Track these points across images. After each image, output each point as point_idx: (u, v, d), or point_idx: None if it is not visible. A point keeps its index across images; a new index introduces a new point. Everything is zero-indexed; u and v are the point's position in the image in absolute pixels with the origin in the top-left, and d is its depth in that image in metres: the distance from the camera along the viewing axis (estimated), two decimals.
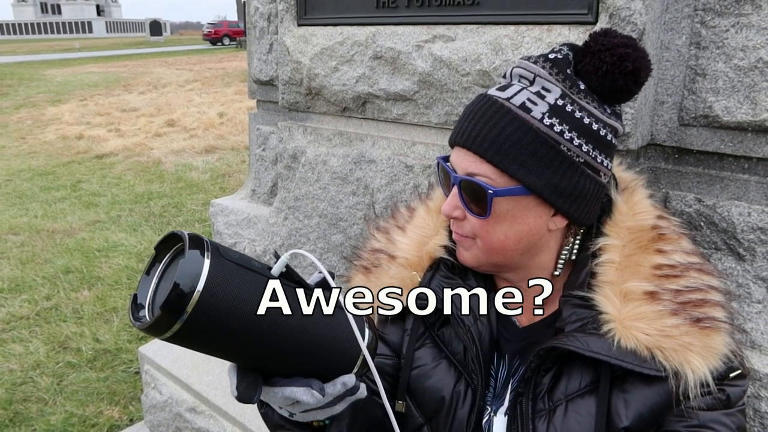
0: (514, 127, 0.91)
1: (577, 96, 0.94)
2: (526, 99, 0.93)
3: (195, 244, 0.67)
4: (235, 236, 2.16)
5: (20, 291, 4.33)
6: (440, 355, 1.09)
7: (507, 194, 0.93)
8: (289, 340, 0.74)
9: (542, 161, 0.91)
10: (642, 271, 0.95)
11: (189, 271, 0.64)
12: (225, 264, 0.68)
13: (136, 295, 0.70)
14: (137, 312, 0.69)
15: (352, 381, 0.82)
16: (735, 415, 0.92)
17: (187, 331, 0.65)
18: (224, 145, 9.05)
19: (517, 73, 0.97)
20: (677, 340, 0.89)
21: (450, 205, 1.00)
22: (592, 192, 0.96)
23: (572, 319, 0.96)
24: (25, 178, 7.45)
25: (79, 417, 2.97)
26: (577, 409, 0.94)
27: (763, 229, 1.19)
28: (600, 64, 0.92)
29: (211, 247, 0.67)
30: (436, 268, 1.11)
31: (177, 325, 0.64)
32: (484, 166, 0.93)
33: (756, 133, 1.18)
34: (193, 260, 0.65)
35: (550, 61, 0.95)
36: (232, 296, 0.67)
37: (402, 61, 1.53)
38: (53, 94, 14.98)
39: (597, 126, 0.94)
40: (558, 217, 0.98)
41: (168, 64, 24.34)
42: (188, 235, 0.68)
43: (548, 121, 0.91)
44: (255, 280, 0.71)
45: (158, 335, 0.65)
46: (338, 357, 0.81)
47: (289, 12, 1.79)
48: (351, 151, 1.72)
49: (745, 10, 1.14)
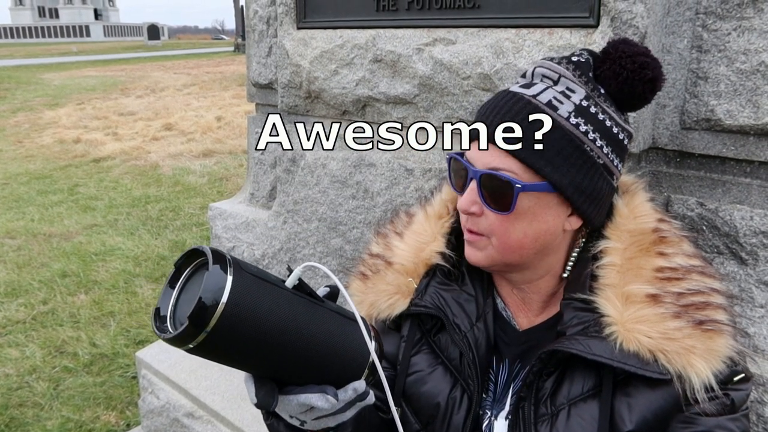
0: None
1: (598, 99, 0.95)
2: (552, 97, 0.93)
3: (217, 258, 0.70)
4: (234, 240, 2.15)
5: (16, 295, 4.31)
6: (436, 361, 1.08)
7: (533, 190, 0.92)
8: (305, 349, 0.77)
9: (567, 159, 0.92)
10: (643, 274, 0.94)
11: (213, 285, 0.68)
12: (246, 277, 0.71)
13: (159, 308, 0.73)
14: (160, 324, 0.72)
15: (363, 387, 0.85)
16: (739, 419, 0.91)
17: (210, 342, 0.68)
18: (222, 149, 9.03)
19: (540, 73, 0.97)
20: (680, 342, 0.88)
21: (467, 200, 0.97)
22: (606, 194, 0.97)
23: (574, 322, 0.96)
24: (22, 182, 7.43)
25: (76, 422, 2.95)
26: (580, 413, 0.93)
27: (765, 233, 1.18)
28: (620, 71, 0.94)
29: (233, 261, 0.71)
30: (432, 274, 1.11)
31: (201, 336, 0.67)
32: (510, 160, 0.92)
33: (758, 137, 1.18)
34: (217, 274, 0.69)
35: (573, 63, 0.96)
36: (253, 308, 0.71)
37: (402, 65, 1.53)
38: (50, 98, 14.96)
39: (616, 129, 0.95)
40: (574, 217, 0.98)
41: (166, 68, 24.33)
42: (211, 250, 0.71)
43: (574, 121, 0.92)
44: (273, 292, 0.74)
45: (182, 346, 0.69)
46: (349, 364, 0.83)
47: (289, 15, 1.78)
48: (350, 154, 1.71)
49: (747, 14, 1.13)
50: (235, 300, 0.68)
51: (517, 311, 1.08)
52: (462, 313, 1.06)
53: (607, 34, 1.17)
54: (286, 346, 0.75)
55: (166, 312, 0.73)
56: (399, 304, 1.11)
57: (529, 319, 1.07)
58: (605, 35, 1.17)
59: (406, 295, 1.11)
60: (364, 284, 1.16)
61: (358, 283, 1.18)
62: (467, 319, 1.06)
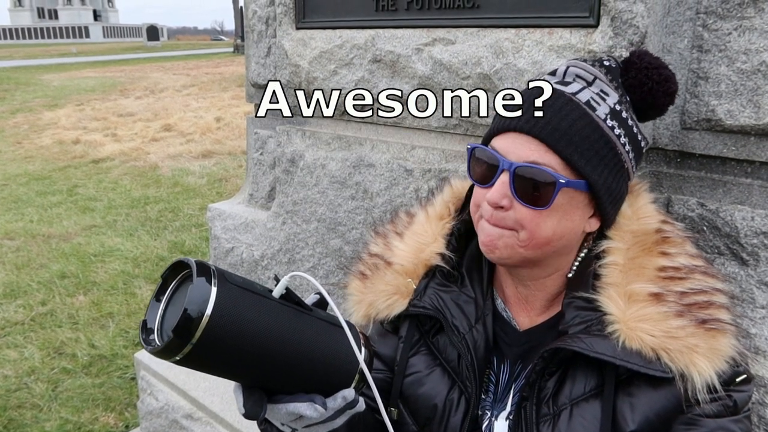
0: (585, 122, 0.91)
1: (626, 104, 0.97)
2: (590, 97, 0.93)
3: (202, 270, 0.71)
4: (233, 241, 2.14)
5: (15, 296, 4.30)
6: (434, 362, 1.08)
7: (573, 187, 0.92)
8: (292, 358, 0.77)
9: (603, 160, 0.92)
10: (646, 273, 0.94)
11: (198, 297, 0.68)
12: (231, 288, 0.72)
13: (146, 321, 0.74)
14: (147, 336, 0.73)
15: (352, 394, 0.84)
16: (742, 421, 0.91)
17: (196, 354, 0.69)
18: (221, 150, 9.03)
19: (574, 72, 0.97)
20: (683, 341, 0.88)
21: (499, 193, 0.93)
22: (623, 198, 0.99)
23: (576, 321, 0.95)
24: (21, 183, 7.42)
25: (75, 423, 2.94)
26: (582, 413, 0.92)
27: (766, 234, 1.18)
28: (646, 81, 0.96)
29: (217, 273, 0.72)
30: (432, 275, 1.10)
31: (187, 348, 0.68)
32: (549, 155, 0.91)
33: (759, 137, 1.18)
34: (201, 286, 0.69)
35: (605, 68, 0.98)
36: (238, 319, 0.71)
37: (401, 65, 1.52)
38: (50, 99, 14.95)
39: (640, 137, 0.97)
40: (594, 219, 0.98)
41: (165, 69, 24.32)
42: (195, 262, 0.72)
43: (610, 123, 0.93)
44: (259, 302, 0.74)
45: (169, 358, 0.69)
46: (338, 372, 0.84)
47: (288, 15, 1.78)
48: (350, 155, 1.71)
49: (747, 14, 1.13)
50: (219, 311, 0.69)
51: (519, 311, 1.08)
52: (461, 314, 1.06)
53: (608, 34, 1.17)
54: (272, 355, 0.75)
55: (153, 324, 0.73)
56: (398, 305, 1.10)
57: (531, 319, 1.07)
58: (605, 35, 1.17)
59: (405, 295, 1.10)
60: (362, 284, 1.16)
61: (357, 282, 1.17)
62: (466, 321, 1.05)
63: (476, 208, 1.00)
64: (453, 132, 1.52)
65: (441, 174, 1.50)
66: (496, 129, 0.98)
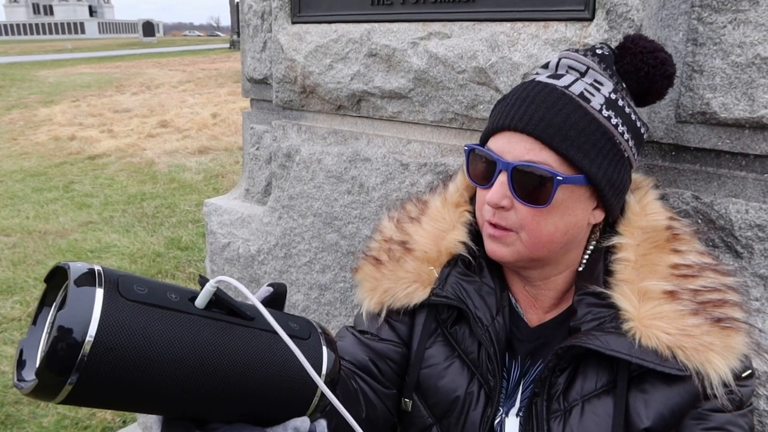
0: (579, 115, 0.90)
1: (623, 92, 0.95)
2: (583, 89, 0.92)
3: (84, 279, 0.54)
4: (229, 236, 2.14)
5: (12, 292, 4.29)
6: (452, 353, 1.05)
7: (572, 182, 0.91)
8: (220, 384, 0.62)
9: (601, 152, 0.91)
10: (659, 271, 0.94)
11: (76, 315, 0.52)
12: (123, 303, 0.56)
13: (22, 351, 0.56)
14: (21, 372, 0.56)
15: (306, 425, 0.72)
16: (746, 415, 0.92)
17: (82, 392, 0.53)
18: (217, 146, 9.01)
19: (566, 64, 0.96)
20: (698, 339, 0.87)
21: (498, 193, 0.93)
22: (627, 187, 0.98)
23: (588, 318, 0.94)
24: (17, 179, 7.39)
25: (72, 419, 2.94)
26: (593, 409, 0.92)
27: (760, 227, 1.18)
28: (642, 66, 0.95)
29: (106, 279, 0.55)
30: (454, 264, 1.07)
31: (67, 387, 0.52)
32: (545, 152, 0.90)
33: (753, 130, 1.18)
34: (82, 299, 0.53)
35: (598, 56, 0.96)
36: (137, 340, 0.55)
37: (397, 59, 1.52)
38: (45, 95, 14.88)
39: (639, 123, 0.96)
40: (598, 210, 0.98)
41: (161, 65, 24.25)
42: (75, 266, 0.55)
43: (606, 113, 0.91)
44: (166, 317, 0.59)
45: (50, 400, 0.54)
46: (288, 396, 0.69)
47: (283, 9, 1.77)
48: (346, 149, 1.71)
49: (742, 6, 1.13)
50: (109, 332, 0.53)
51: (527, 307, 1.07)
52: (484, 305, 1.03)
53: (603, 27, 1.17)
54: (191, 383, 0.59)
55: (32, 356, 0.56)
56: (418, 293, 1.06)
57: (539, 316, 1.06)
58: (600, 28, 1.17)
59: (426, 284, 1.06)
60: (377, 269, 1.11)
61: (370, 267, 1.12)
62: (488, 312, 1.03)
63: (480, 209, 1.01)
64: (449, 126, 1.52)
65: (437, 168, 1.50)
66: (491, 128, 0.97)
